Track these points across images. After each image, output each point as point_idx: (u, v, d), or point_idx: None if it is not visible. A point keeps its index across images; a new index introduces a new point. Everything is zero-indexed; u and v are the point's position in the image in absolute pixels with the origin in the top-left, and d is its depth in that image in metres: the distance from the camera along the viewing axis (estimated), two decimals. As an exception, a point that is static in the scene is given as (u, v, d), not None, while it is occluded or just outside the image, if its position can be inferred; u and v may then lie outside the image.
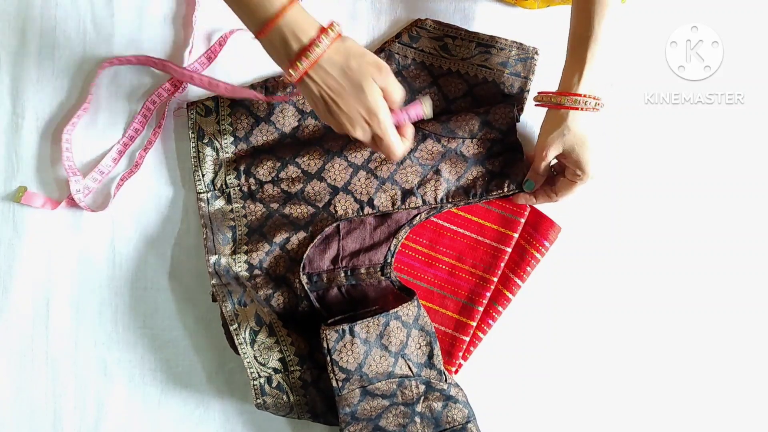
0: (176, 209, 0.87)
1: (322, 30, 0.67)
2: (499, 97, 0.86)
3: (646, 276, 0.89)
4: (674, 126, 0.90)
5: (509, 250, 0.87)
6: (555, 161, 0.81)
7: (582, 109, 0.75)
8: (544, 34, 0.87)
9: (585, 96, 0.75)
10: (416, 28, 0.88)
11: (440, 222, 0.87)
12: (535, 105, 0.80)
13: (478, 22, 0.89)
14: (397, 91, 0.71)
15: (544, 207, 0.87)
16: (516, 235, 0.87)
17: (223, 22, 0.88)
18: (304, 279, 0.82)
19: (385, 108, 0.70)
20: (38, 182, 0.87)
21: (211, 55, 0.87)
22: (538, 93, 0.79)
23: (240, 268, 0.83)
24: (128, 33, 0.87)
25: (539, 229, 0.87)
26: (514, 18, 0.89)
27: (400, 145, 0.73)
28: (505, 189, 0.83)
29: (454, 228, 0.87)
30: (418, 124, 0.84)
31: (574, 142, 0.77)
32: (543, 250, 0.87)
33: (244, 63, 0.88)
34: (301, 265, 0.82)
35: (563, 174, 0.81)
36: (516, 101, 0.86)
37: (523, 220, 0.87)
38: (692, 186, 0.90)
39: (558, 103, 0.76)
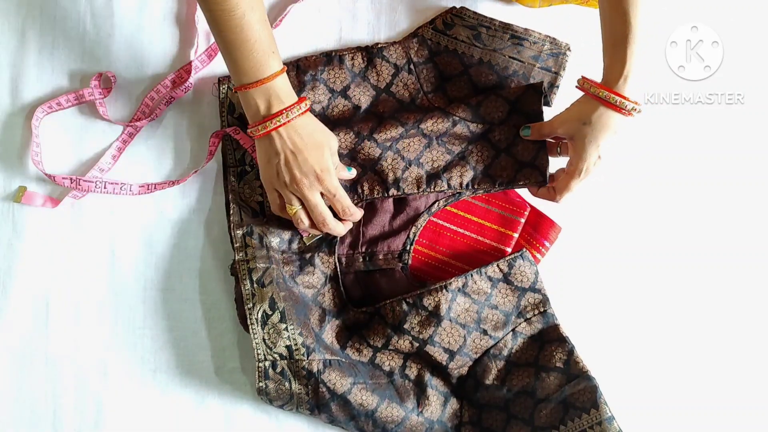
0: (177, 209, 0.87)
1: (301, 99, 0.76)
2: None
3: (646, 276, 0.90)
4: (674, 126, 0.90)
5: (509, 250, 0.87)
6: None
7: (617, 108, 0.74)
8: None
9: (626, 98, 0.74)
10: (451, 15, 0.87)
11: (440, 222, 0.87)
12: (576, 87, 0.78)
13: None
14: (342, 167, 0.81)
15: (545, 207, 0.87)
16: (516, 235, 0.87)
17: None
18: (337, 259, 0.84)
19: (334, 169, 0.78)
20: (38, 182, 0.87)
21: (211, 53, 0.87)
22: (582, 77, 0.77)
23: (274, 238, 0.83)
24: (128, 33, 0.87)
25: (539, 229, 0.87)
26: (514, 17, 0.88)
27: (349, 200, 0.80)
28: (532, 180, 0.82)
29: (454, 228, 0.87)
30: (447, 108, 0.84)
31: (587, 134, 0.76)
32: (543, 250, 0.87)
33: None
34: (335, 245, 0.84)
35: (563, 169, 0.81)
36: (545, 95, 0.85)
37: (523, 220, 0.87)
38: (692, 186, 0.90)
39: (595, 94, 0.75)
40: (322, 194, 0.78)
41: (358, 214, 0.81)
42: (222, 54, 0.75)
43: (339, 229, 0.80)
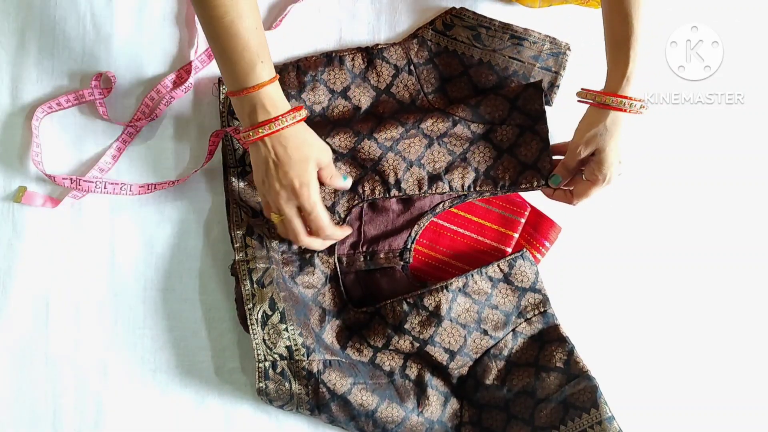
0: (177, 209, 0.87)
1: (295, 108, 0.74)
2: None
3: (646, 276, 0.90)
4: (674, 126, 0.91)
5: (509, 250, 0.87)
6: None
7: (627, 111, 0.75)
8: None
9: (632, 98, 0.74)
10: (451, 16, 0.87)
11: (440, 222, 0.87)
12: (578, 101, 0.78)
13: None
14: (337, 177, 0.78)
15: (545, 207, 0.87)
16: (516, 235, 0.87)
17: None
18: (338, 259, 0.84)
19: (316, 185, 0.75)
20: (38, 182, 0.87)
21: (211, 53, 0.87)
22: (582, 89, 0.78)
23: (274, 239, 0.83)
24: (128, 33, 0.87)
25: (539, 229, 0.87)
26: (514, 17, 0.89)
27: (328, 219, 0.77)
28: (534, 184, 0.82)
29: (454, 228, 0.87)
30: (446, 109, 0.84)
31: (607, 142, 0.76)
32: (543, 250, 0.87)
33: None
34: (336, 245, 0.83)
35: (583, 175, 0.81)
36: (545, 94, 0.85)
37: (523, 220, 0.87)
38: (692, 186, 0.90)
39: (602, 102, 0.75)
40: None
41: (338, 233, 0.79)
42: (214, 58, 0.75)
43: (315, 245, 0.79)
